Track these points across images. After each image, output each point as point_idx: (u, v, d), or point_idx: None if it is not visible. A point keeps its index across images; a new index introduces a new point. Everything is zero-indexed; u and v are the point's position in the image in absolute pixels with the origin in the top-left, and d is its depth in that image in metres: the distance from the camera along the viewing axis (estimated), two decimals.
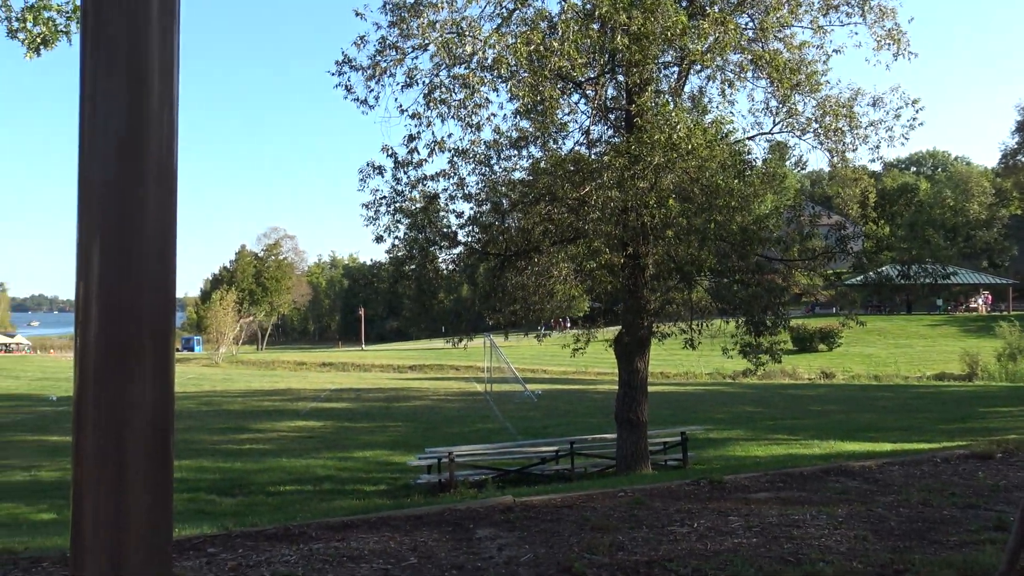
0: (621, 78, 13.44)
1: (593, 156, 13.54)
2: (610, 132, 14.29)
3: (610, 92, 14.01)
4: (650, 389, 14.86)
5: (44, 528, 11.33)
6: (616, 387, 14.78)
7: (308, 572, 5.91)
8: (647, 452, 14.46)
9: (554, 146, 13.80)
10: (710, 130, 12.19)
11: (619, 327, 14.52)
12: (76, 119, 1.64)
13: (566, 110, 13.61)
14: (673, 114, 11.89)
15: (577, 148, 14.01)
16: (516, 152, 14.00)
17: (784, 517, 7.54)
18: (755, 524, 7.28)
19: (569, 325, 43.61)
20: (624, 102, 13.54)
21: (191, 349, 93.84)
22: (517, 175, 14.27)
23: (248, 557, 6.32)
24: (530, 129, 13.41)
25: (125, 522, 1.58)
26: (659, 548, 6.46)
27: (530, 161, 14.17)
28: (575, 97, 13.94)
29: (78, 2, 8.96)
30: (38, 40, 9.11)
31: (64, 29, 9.19)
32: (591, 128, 13.91)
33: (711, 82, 14.22)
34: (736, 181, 13.06)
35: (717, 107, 14.01)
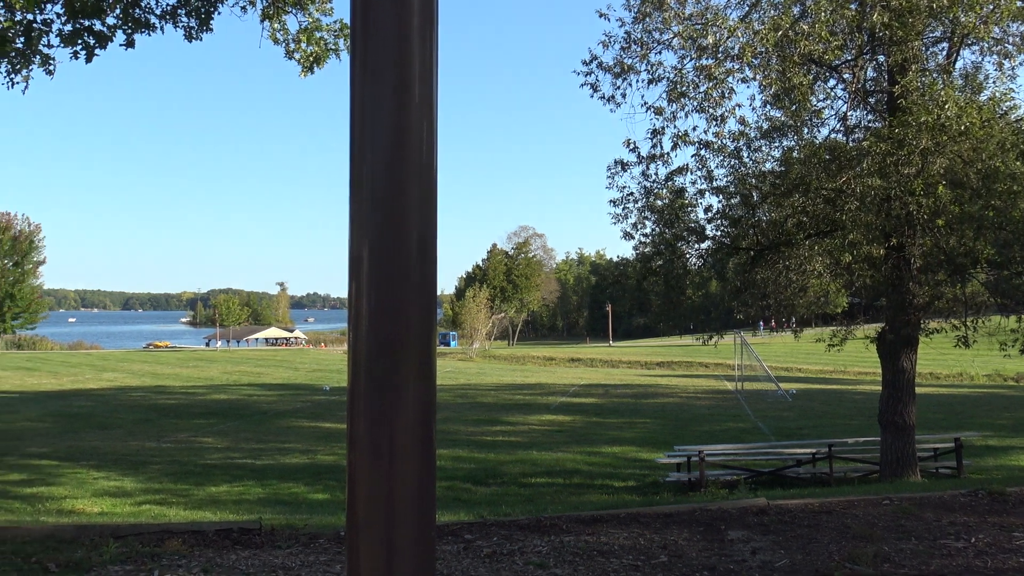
0: (881, 58, 12.61)
1: (851, 143, 12.79)
2: (870, 117, 13.44)
3: (869, 74, 13.18)
4: (918, 391, 13.88)
5: (320, 507, 12.36)
6: (879, 388, 13.94)
7: (559, 564, 6.02)
8: (915, 458, 13.50)
9: (808, 134, 13.18)
10: (986, 108, 11.15)
11: (882, 323, 13.63)
12: (347, 130, 1.77)
13: (821, 96, 12.99)
14: (942, 93, 10.97)
15: (833, 135, 13.30)
16: (767, 142, 13.54)
17: None
18: None
19: (794, 324, 41.22)
20: (886, 84, 12.68)
21: (447, 344, 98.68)
22: (768, 166, 13.79)
23: (502, 545, 6.54)
24: (781, 118, 12.92)
25: (394, 507, 1.69)
26: (930, 562, 5.98)
27: (782, 151, 13.63)
28: (831, 82, 13.27)
29: (346, 20, 9.71)
30: (311, 59, 9.92)
31: (333, 47, 9.94)
32: (849, 114, 13.16)
33: (986, 56, 12.98)
34: (1018, 163, 11.82)
35: (994, 83, 12.76)
